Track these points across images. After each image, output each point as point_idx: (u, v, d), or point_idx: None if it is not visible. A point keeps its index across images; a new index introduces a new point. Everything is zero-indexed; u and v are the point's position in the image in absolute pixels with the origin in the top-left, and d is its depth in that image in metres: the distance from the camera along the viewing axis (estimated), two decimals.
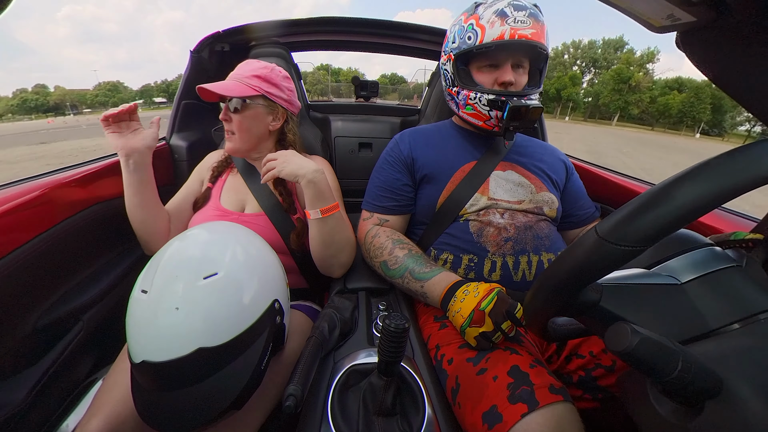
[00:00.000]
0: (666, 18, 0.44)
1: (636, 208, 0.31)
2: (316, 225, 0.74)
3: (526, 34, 0.69)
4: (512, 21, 0.69)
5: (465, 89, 0.77)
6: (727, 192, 0.29)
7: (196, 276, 0.47)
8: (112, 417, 0.53)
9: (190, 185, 0.93)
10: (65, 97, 77.79)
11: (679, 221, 0.29)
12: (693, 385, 0.29)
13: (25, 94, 76.67)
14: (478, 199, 0.77)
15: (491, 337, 0.58)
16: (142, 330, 0.46)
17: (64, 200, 0.79)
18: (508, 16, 0.69)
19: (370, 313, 0.74)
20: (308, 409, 0.53)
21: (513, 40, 0.69)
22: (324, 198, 0.72)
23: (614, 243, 0.31)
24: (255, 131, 0.85)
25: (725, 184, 0.29)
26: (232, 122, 0.82)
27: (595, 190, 0.99)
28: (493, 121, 0.77)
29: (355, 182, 1.29)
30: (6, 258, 0.64)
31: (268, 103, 0.85)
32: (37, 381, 0.68)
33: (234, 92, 0.79)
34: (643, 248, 0.31)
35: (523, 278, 0.72)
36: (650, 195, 0.31)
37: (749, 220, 0.76)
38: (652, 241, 0.30)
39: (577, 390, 0.67)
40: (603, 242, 0.32)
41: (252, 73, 0.83)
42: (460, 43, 0.75)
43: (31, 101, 73.61)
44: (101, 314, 0.85)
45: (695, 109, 47.70)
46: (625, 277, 0.40)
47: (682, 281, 0.38)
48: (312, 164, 0.72)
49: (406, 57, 1.58)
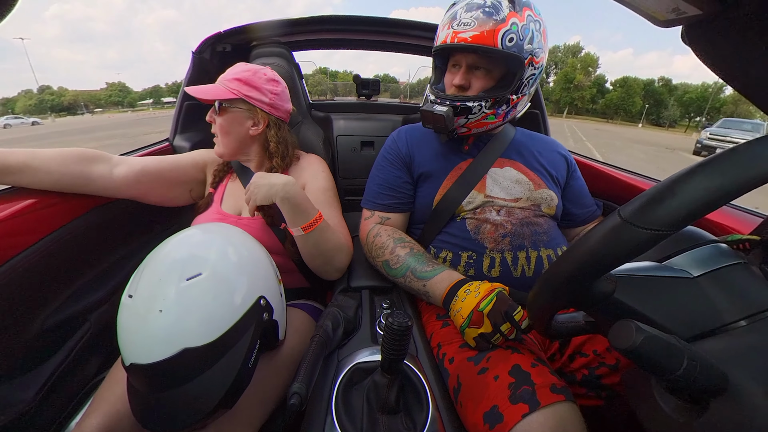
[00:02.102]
0: (671, 11, 0.44)
1: (664, 189, 0.29)
2: (301, 240, 0.74)
3: (465, 38, 0.68)
4: (456, 24, 0.70)
5: (428, 88, 0.81)
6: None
7: (180, 278, 0.48)
8: (110, 415, 0.54)
9: (182, 162, 0.89)
10: (78, 97, 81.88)
11: (711, 204, 0.28)
12: (698, 383, 0.29)
13: (43, 95, 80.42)
14: (474, 197, 0.77)
15: (490, 339, 0.58)
16: (129, 333, 0.47)
17: (70, 202, 0.80)
18: (455, 20, 0.70)
19: (374, 311, 0.75)
20: (313, 406, 0.53)
21: (452, 44, 0.70)
22: (302, 212, 0.71)
23: (639, 226, 0.29)
24: (234, 135, 0.83)
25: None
26: (216, 125, 0.83)
27: (597, 187, 0.98)
28: None
29: (358, 180, 1.29)
30: (14, 260, 0.65)
31: (248, 107, 0.82)
32: (46, 380, 0.69)
33: (210, 95, 0.79)
34: (669, 232, 0.29)
35: (522, 274, 0.72)
36: (681, 175, 0.30)
37: (756, 216, 0.75)
38: (680, 224, 0.28)
39: (580, 388, 0.67)
40: (626, 225, 0.30)
41: (233, 76, 0.81)
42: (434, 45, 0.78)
43: (48, 101, 77.36)
44: (108, 314, 0.86)
45: (626, 103, 58.21)
46: (638, 269, 0.39)
47: (694, 275, 0.38)
48: (282, 179, 0.70)
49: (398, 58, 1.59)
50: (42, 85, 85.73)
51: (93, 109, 74.50)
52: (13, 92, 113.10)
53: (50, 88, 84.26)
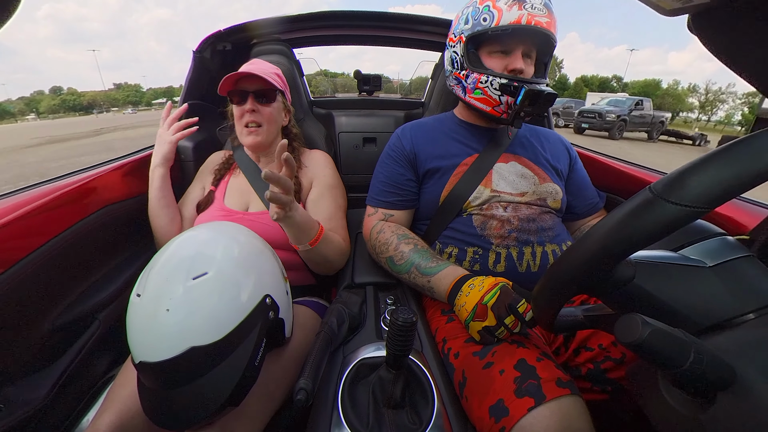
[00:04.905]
0: (678, 0, 0.43)
1: (700, 164, 0.28)
2: (305, 255, 0.76)
3: (542, 22, 0.69)
4: (530, 7, 0.68)
5: (475, 72, 0.75)
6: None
7: (186, 277, 0.48)
8: (123, 412, 0.55)
9: (195, 191, 0.95)
10: (96, 98, 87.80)
11: (750, 181, 0.26)
12: (705, 376, 0.29)
13: (65, 95, 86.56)
14: (481, 192, 0.77)
15: (494, 332, 0.58)
16: (137, 332, 0.47)
17: (78, 203, 0.81)
18: (525, 2, 0.68)
19: (378, 307, 0.75)
20: (319, 402, 0.54)
21: (529, 26, 0.68)
22: (308, 231, 0.70)
23: (673, 202, 0.27)
24: (277, 124, 0.91)
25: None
26: (261, 114, 0.85)
27: (600, 180, 0.97)
28: (502, 107, 0.75)
29: (360, 177, 1.29)
30: (24, 260, 0.66)
31: (283, 99, 0.93)
32: (57, 379, 0.71)
33: (271, 82, 0.84)
34: (705, 210, 0.27)
35: (528, 269, 0.72)
36: (718, 151, 0.28)
37: (763, 208, 0.74)
38: (718, 200, 0.27)
39: (585, 382, 0.67)
40: (658, 201, 0.28)
41: (272, 71, 0.89)
42: (474, 24, 0.73)
43: (69, 101, 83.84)
44: (117, 313, 0.87)
45: (578, 97, 66.32)
46: (656, 256, 0.38)
47: (709, 265, 0.37)
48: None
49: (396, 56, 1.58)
50: (54, 86, 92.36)
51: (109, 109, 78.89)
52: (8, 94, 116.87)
53: (61, 89, 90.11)
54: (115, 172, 0.94)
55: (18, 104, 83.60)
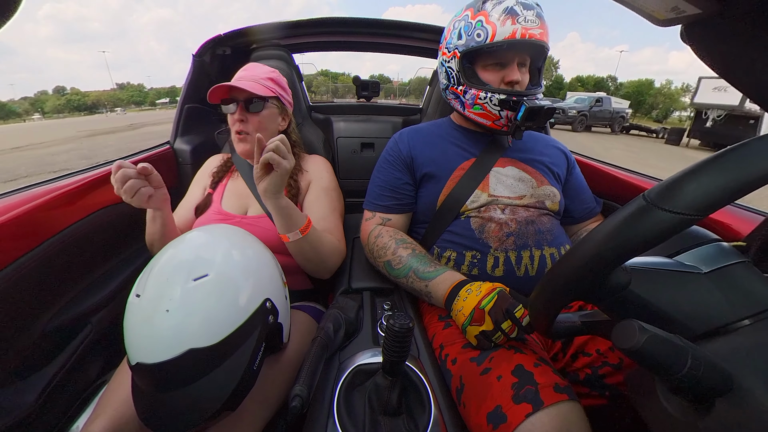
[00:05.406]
0: (670, 11, 0.44)
1: (693, 171, 0.28)
2: (296, 247, 0.74)
3: (536, 34, 0.69)
4: (523, 20, 0.69)
5: (474, 88, 0.76)
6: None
7: (187, 278, 0.47)
8: (115, 418, 0.54)
9: (193, 195, 0.94)
10: (101, 97, 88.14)
11: (745, 187, 0.26)
12: (703, 383, 0.29)
13: (69, 95, 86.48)
14: (478, 196, 0.77)
15: (491, 337, 0.57)
16: (135, 333, 0.47)
17: (71, 205, 0.80)
18: (518, 15, 0.69)
19: (375, 312, 0.74)
20: (314, 409, 0.53)
21: (524, 39, 0.69)
22: (295, 214, 0.71)
23: (666, 209, 0.28)
24: (270, 131, 0.88)
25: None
26: (249, 123, 0.84)
27: (597, 186, 0.98)
28: (502, 120, 0.76)
29: (358, 182, 1.29)
30: (15, 263, 0.65)
31: (280, 105, 0.90)
32: (48, 383, 0.69)
33: (260, 91, 0.82)
34: (698, 217, 0.27)
35: (525, 273, 0.72)
36: (712, 158, 0.28)
37: (756, 215, 0.75)
38: (711, 207, 0.27)
39: (583, 388, 0.66)
40: (652, 208, 0.28)
41: (265, 76, 0.87)
42: (467, 41, 0.74)
43: (74, 101, 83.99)
44: (110, 317, 0.86)
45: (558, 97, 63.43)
46: (651, 262, 0.39)
47: (704, 271, 0.37)
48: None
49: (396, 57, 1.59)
50: (57, 86, 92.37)
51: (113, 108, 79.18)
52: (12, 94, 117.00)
53: (65, 89, 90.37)
54: (110, 175, 0.93)
55: (23, 104, 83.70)
